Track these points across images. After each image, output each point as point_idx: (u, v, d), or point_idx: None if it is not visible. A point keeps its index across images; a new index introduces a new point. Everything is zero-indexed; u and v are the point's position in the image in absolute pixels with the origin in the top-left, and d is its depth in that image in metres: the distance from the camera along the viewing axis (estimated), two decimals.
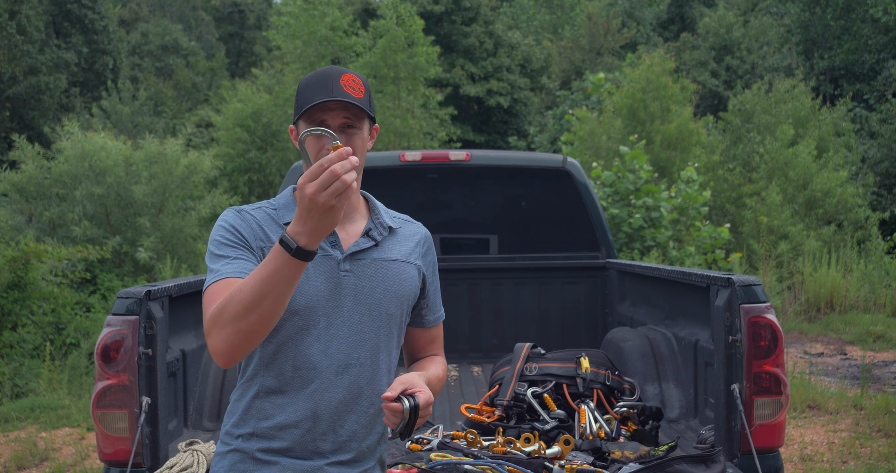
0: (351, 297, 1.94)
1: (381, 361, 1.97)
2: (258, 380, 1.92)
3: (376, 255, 1.99)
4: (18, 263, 8.11)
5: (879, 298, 12.07)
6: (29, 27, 23.89)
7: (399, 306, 2.00)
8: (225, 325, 1.71)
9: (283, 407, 1.90)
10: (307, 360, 1.90)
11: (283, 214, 1.97)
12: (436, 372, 2.06)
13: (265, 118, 16.95)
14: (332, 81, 1.89)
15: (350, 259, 1.95)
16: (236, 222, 1.93)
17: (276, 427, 1.90)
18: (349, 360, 1.92)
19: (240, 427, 1.93)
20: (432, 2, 27.89)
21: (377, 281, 1.97)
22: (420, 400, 1.78)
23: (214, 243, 1.90)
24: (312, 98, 1.88)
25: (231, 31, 40.77)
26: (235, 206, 2.01)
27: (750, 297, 2.93)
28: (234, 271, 1.84)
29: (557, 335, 5.38)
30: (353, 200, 2.00)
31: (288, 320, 1.88)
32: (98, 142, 10.64)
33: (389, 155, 5.16)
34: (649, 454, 3.14)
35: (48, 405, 7.13)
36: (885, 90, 22.57)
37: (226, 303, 1.71)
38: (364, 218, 2.04)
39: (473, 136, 28.53)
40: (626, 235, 11.77)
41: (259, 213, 1.97)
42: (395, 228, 2.06)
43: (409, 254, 2.05)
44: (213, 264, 1.87)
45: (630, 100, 15.75)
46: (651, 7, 37.59)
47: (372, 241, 1.99)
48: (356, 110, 1.91)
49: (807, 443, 5.82)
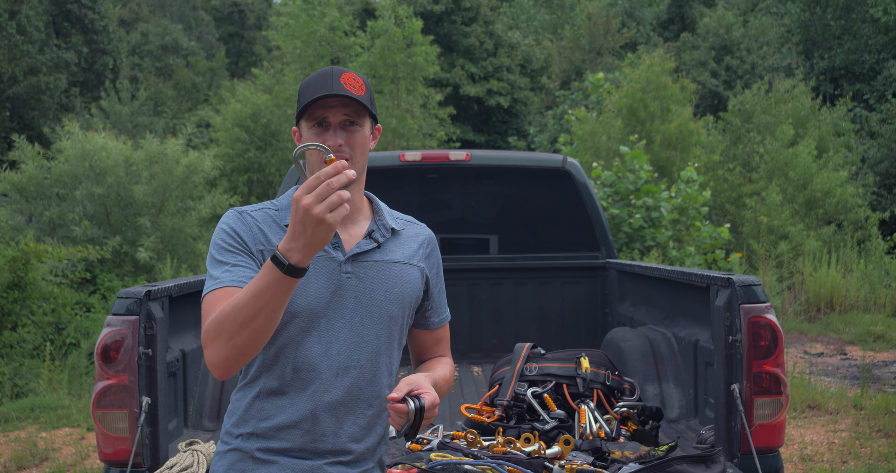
0: (352, 299, 1.93)
1: (382, 363, 1.97)
2: (260, 381, 1.93)
3: (378, 257, 1.99)
4: (18, 263, 8.11)
5: (879, 298, 12.07)
6: (29, 27, 23.89)
7: (401, 308, 2.00)
8: (220, 339, 1.72)
9: (283, 408, 1.90)
10: (308, 361, 1.90)
11: (285, 215, 1.96)
12: (442, 374, 2.06)
13: (264, 118, 16.95)
14: (333, 79, 1.90)
15: (352, 261, 1.95)
16: (237, 224, 1.93)
17: (275, 428, 1.90)
18: (349, 362, 1.92)
19: (240, 427, 1.93)
20: (432, 2, 27.88)
21: (379, 283, 1.96)
22: (426, 402, 1.78)
23: (215, 247, 1.91)
24: (313, 95, 1.88)
25: (231, 31, 40.76)
26: (237, 207, 2.01)
27: (750, 297, 2.93)
28: (233, 279, 1.84)
29: (557, 335, 5.38)
30: (357, 201, 2.00)
31: (289, 322, 1.88)
32: (98, 142, 10.64)
33: (389, 155, 5.15)
34: (649, 454, 3.14)
35: (48, 405, 7.12)
36: (885, 90, 22.58)
37: (220, 317, 1.72)
38: (367, 219, 2.03)
39: (473, 136, 28.52)
40: (626, 235, 11.77)
41: (260, 214, 1.97)
42: (399, 229, 2.05)
43: (412, 256, 2.05)
44: (213, 270, 1.88)
45: (630, 100, 15.75)
46: (651, 7, 37.59)
47: (374, 243, 1.99)
48: (357, 107, 1.91)
49: (807, 443, 5.82)
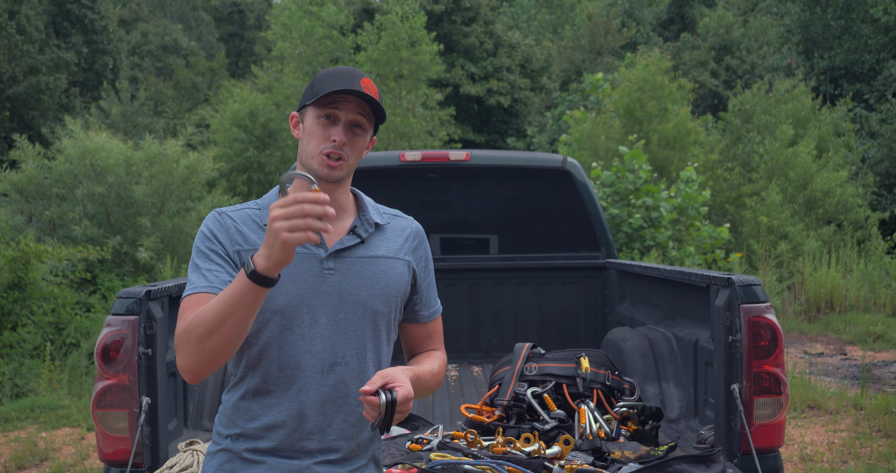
0: (335, 295, 1.92)
1: (369, 359, 1.96)
2: (246, 381, 1.92)
3: (362, 252, 1.97)
4: (19, 263, 8.11)
5: (879, 298, 12.07)
6: (29, 27, 23.87)
7: (386, 303, 1.98)
8: (189, 345, 1.74)
9: (269, 408, 1.90)
10: (292, 360, 1.89)
11: (266, 214, 1.95)
12: (430, 367, 2.04)
13: (263, 117, 16.94)
14: (355, 77, 1.90)
15: (334, 257, 1.94)
16: (215, 226, 1.93)
17: (262, 428, 1.90)
18: (335, 359, 1.92)
19: (228, 428, 1.94)
20: (432, 1, 27.88)
21: (362, 279, 1.95)
22: (398, 395, 1.76)
23: (195, 251, 1.92)
24: (332, 87, 1.87)
25: (231, 31, 40.75)
26: (219, 208, 2.01)
27: (750, 297, 2.93)
28: (207, 285, 1.85)
29: (557, 335, 5.38)
30: (341, 199, 1.99)
31: (270, 320, 1.88)
32: (99, 141, 10.63)
33: (389, 155, 5.15)
34: (649, 454, 3.14)
35: (48, 405, 7.12)
36: (885, 90, 22.59)
37: (191, 323, 1.74)
38: (352, 216, 2.02)
39: (473, 136, 28.52)
40: (625, 235, 11.77)
41: (240, 214, 1.96)
42: (383, 224, 2.04)
43: (398, 250, 2.03)
44: (191, 275, 1.89)
45: (627, 100, 15.75)
46: (651, 7, 37.58)
47: (357, 238, 1.97)
48: (369, 111, 1.91)
49: (807, 443, 5.82)
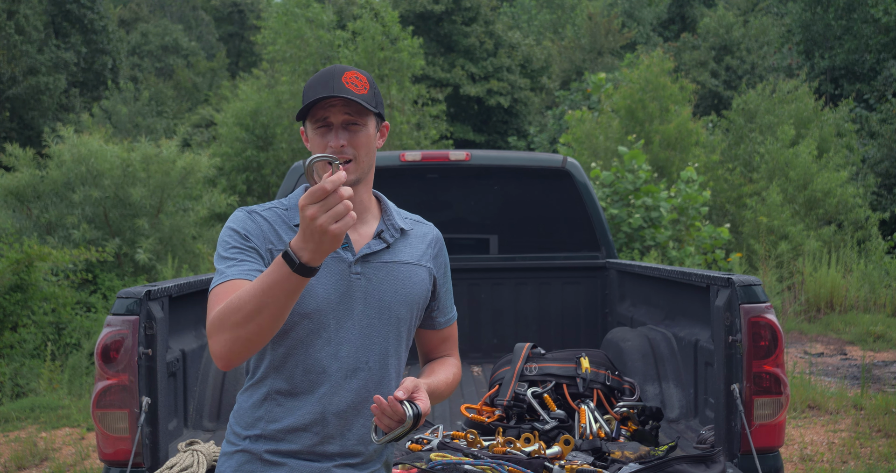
0: (361, 300, 1.92)
1: (391, 365, 1.96)
2: (268, 382, 1.91)
3: (388, 257, 1.97)
4: (21, 265, 8.10)
5: (879, 298, 12.06)
6: (28, 27, 23.86)
7: (409, 309, 1.99)
8: (224, 331, 1.70)
9: (292, 410, 1.89)
10: (317, 363, 1.89)
11: (294, 215, 1.95)
12: (445, 377, 2.04)
13: (264, 117, 16.93)
14: (335, 78, 1.89)
15: (361, 262, 1.93)
16: (246, 223, 1.91)
17: (284, 430, 1.89)
18: (358, 364, 1.91)
19: (248, 429, 1.92)
20: (432, 2, 27.87)
21: (388, 284, 1.95)
22: (420, 409, 1.75)
23: (222, 245, 1.89)
24: (314, 95, 1.88)
25: (231, 31, 40.71)
26: (246, 206, 2.00)
27: (750, 297, 2.93)
28: (240, 272, 1.82)
29: (557, 335, 5.38)
30: (365, 200, 1.99)
31: (298, 323, 1.87)
32: (94, 145, 10.61)
33: (389, 155, 5.15)
34: (649, 454, 3.14)
35: (48, 405, 7.12)
36: (885, 90, 22.59)
37: (227, 309, 1.70)
38: (376, 219, 2.02)
39: (473, 136, 28.51)
40: (625, 235, 11.76)
41: (270, 213, 1.95)
42: (407, 229, 2.04)
43: (421, 256, 2.03)
44: (220, 265, 1.86)
45: (628, 100, 15.74)
46: (651, 7, 37.56)
47: (384, 243, 1.97)
48: (358, 107, 1.90)
49: (807, 443, 5.82)
